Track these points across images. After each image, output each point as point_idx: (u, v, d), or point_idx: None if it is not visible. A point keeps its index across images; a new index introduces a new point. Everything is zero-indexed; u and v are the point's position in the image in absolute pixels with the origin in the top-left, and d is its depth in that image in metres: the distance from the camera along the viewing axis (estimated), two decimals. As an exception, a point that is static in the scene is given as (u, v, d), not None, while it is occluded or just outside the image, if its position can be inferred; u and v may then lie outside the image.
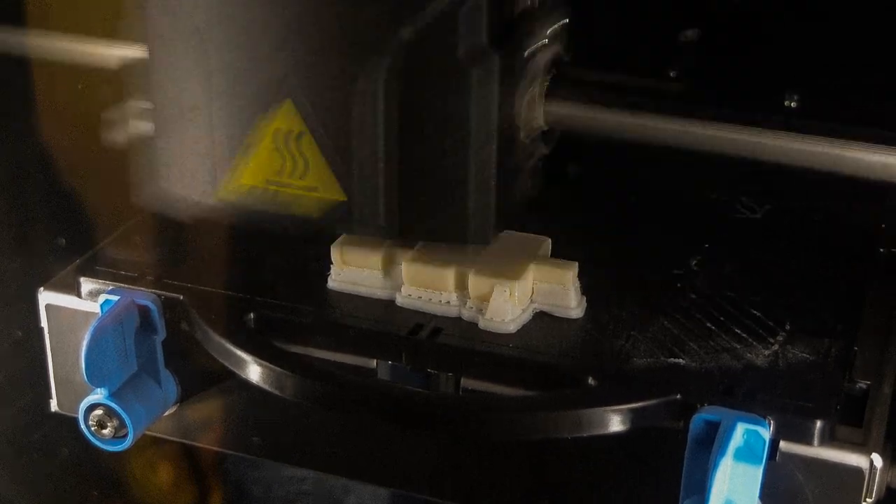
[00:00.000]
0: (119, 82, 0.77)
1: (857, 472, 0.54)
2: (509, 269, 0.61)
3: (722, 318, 0.62)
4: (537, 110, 0.60)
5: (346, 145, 0.56)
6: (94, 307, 0.64)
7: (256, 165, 0.58)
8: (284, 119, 0.56)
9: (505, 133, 0.57)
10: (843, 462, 0.54)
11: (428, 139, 0.56)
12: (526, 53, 0.59)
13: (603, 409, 0.55)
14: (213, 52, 0.56)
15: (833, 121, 0.67)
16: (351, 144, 0.56)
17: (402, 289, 0.63)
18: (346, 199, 0.57)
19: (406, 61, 0.54)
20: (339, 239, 0.64)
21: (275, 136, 0.57)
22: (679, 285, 0.65)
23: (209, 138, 0.58)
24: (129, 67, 0.62)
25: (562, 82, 0.61)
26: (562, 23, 0.62)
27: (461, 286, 0.62)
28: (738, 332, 0.61)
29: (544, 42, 0.60)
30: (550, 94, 0.60)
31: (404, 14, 0.53)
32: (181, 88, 0.58)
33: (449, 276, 0.61)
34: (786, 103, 0.77)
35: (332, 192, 0.57)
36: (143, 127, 0.62)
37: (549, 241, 0.65)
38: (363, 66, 0.54)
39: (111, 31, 0.68)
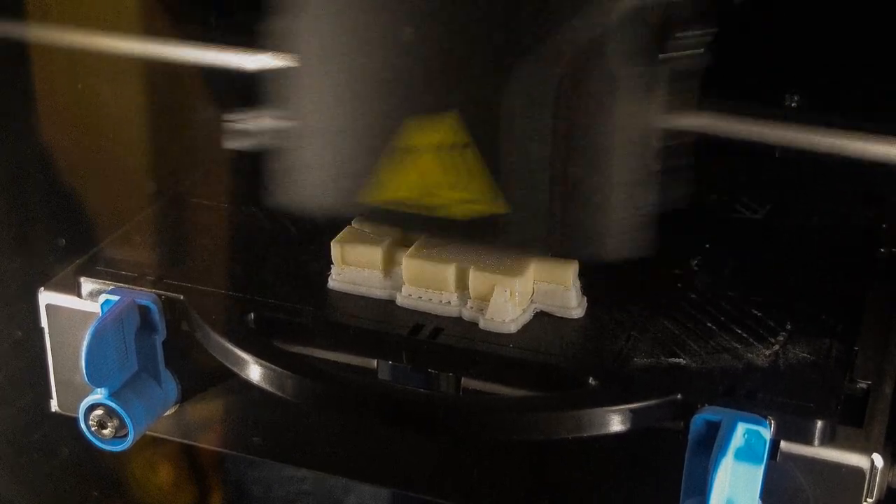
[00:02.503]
0: (123, 82, 0.78)
1: (858, 472, 0.54)
2: (510, 269, 0.61)
3: (722, 319, 0.62)
4: (659, 125, 0.59)
5: (501, 159, 0.55)
6: (94, 307, 0.64)
7: (401, 180, 0.57)
8: (442, 131, 0.56)
9: (638, 147, 0.56)
10: (844, 462, 0.54)
11: (576, 153, 0.55)
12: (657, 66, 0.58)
13: (603, 409, 0.55)
14: (354, 63, 0.56)
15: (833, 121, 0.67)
16: (506, 158, 0.55)
17: (403, 289, 0.63)
18: (496, 214, 0.56)
19: (573, 70, 0.53)
20: (340, 238, 0.64)
21: (429, 148, 0.56)
22: (680, 285, 0.65)
23: (350, 153, 0.58)
24: (266, 75, 0.61)
25: (680, 96, 0.60)
26: (682, 34, 0.59)
27: (462, 286, 0.62)
28: (739, 332, 0.61)
29: (667, 54, 0.58)
30: (670, 108, 0.59)
31: (574, 22, 0.53)
32: (307, 102, 0.57)
33: (449, 275, 0.61)
34: (786, 103, 0.77)
35: (489, 205, 0.56)
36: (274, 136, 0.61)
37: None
38: (529, 76, 0.53)
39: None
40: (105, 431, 0.64)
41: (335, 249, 0.64)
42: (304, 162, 0.59)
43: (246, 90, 0.62)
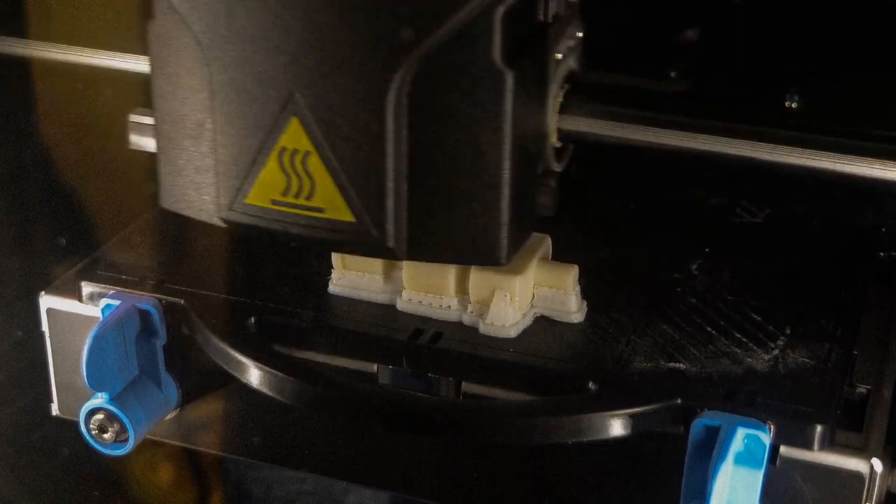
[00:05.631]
0: (121, 83, 0.78)
1: (858, 476, 0.54)
2: (510, 274, 0.61)
3: (722, 323, 0.62)
4: (551, 126, 0.59)
5: (356, 164, 0.54)
6: (95, 311, 0.64)
7: (261, 185, 0.57)
8: (290, 138, 0.55)
9: (525, 147, 0.55)
10: (844, 467, 0.54)
11: (445, 154, 0.54)
12: (547, 65, 0.57)
13: (603, 413, 0.55)
14: (216, 68, 0.55)
15: (833, 121, 0.67)
16: (361, 163, 0.54)
17: (403, 293, 0.63)
18: (353, 220, 0.55)
19: (423, 73, 0.52)
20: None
21: (280, 156, 0.56)
22: (679, 289, 0.65)
23: (212, 157, 0.57)
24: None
25: (574, 97, 0.59)
26: (577, 35, 0.60)
27: (462, 290, 0.62)
28: (739, 336, 0.61)
29: (560, 55, 0.59)
30: (564, 109, 0.59)
31: (424, 26, 0.52)
32: (182, 104, 0.57)
33: (449, 280, 0.62)
34: (786, 104, 0.77)
35: (339, 213, 0.55)
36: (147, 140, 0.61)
37: (549, 238, 0.64)
38: (377, 81, 0.52)
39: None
40: (106, 436, 0.64)
41: (335, 254, 0.64)
42: (178, 164, 0.59)
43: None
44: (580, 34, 0.61)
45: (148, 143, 0.62)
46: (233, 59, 0.55)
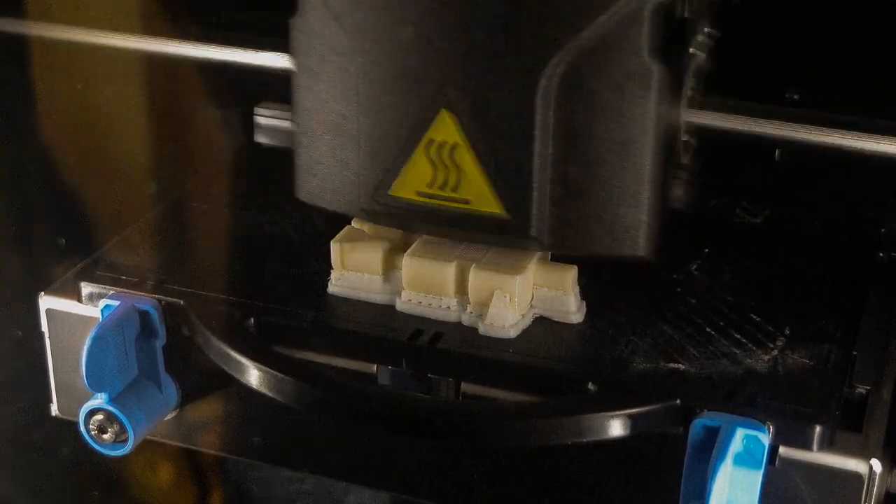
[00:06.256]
0: (124, 83, 0.78)
1: (857, 477, 0.54)
2: (509, 274, 0.61)
3: (721, 324, 0.62)
4: (684, 120, 0.60)
5: (504, 156, 0.56)
6: (94, 312, 0.64)
7: (406, 177, 0.58)
8: (439, 130, 0.56)
9: (665, 141, 0.56)
10: (843, 467, 0.55)
11: (590, 147, 0.55)
12: (684, 60, 0.59)
13: (603, 414, 0.55)
14: (364, 61, 0.56)
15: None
16: (509, 154, 0.56)
17: (402, 293, 0.63)
18: (501, 211, 0.57)
19: (573, 67, 0.54)
20: (340, 237, 0.64)
21: (427, 148, 0.57)
22: (679, 290, 0.65)
23: (355, 149, 0.58)
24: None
25: (704, 91, 0.61)
26: (708, 31, 0.62)
27: (461, 291, 0.62)
28: (738, 337, 0.61)
29: (694, 50, 0.60)
30: (694, 103, 0.61)
31: (575, 21, 0.53)
32: (326, 97, 0.58)
33: (449, 280, 0.61)
34: (787, 96, 0.77)
35: (486, 204, 0.57)
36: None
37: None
38: (528, 74, 0.54)
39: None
40: (105, 436, 0.64)
41: (335, 249, 0.64)
42: (318, 157, 0.60)
43: (269, 86, 0.62)
44: (711, 30, 0.62)
45: (277, 137, 0.62)
46: (382, 53, 0.56)
